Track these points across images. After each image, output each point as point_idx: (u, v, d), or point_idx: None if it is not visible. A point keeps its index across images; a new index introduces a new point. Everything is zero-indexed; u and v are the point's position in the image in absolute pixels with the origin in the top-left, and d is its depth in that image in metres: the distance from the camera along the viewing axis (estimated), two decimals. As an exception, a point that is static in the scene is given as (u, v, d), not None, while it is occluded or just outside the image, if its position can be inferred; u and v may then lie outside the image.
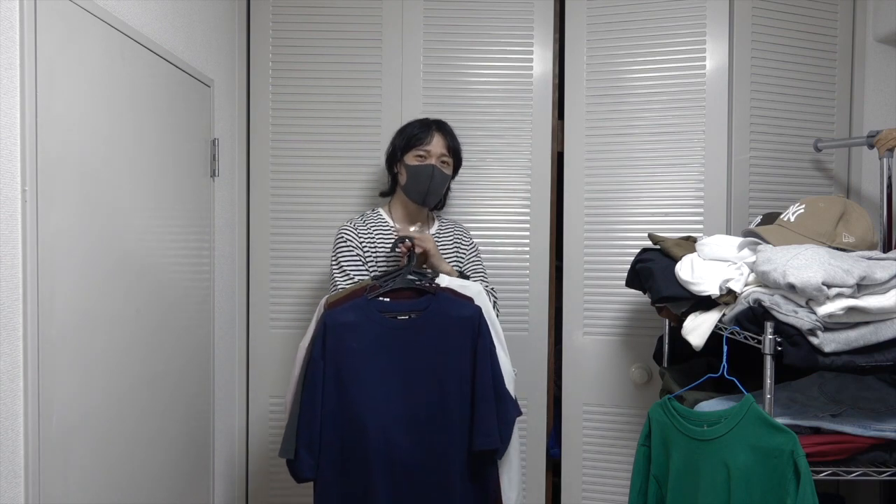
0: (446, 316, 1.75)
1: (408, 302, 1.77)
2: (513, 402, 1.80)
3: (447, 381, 1.74)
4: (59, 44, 1.29)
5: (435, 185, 1.97)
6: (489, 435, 1.71)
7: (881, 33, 2.25)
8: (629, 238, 2.24)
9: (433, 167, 1.96)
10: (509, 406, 1.77)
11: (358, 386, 1.71)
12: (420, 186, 1.96)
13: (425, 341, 1.74)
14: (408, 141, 1.98)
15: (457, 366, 1.74)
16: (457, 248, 2.07)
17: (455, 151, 2.03)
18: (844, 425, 1.47)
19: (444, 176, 1.99)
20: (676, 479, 1.56)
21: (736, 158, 2.21)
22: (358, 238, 1.95)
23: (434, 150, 1.97)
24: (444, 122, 2.04)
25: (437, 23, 2.31)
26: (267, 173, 2.33)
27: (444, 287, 1.80)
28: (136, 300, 1.60)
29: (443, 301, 1.76)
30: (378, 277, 1.82)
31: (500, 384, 1.76)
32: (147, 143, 1.65)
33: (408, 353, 1.74)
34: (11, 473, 1.19)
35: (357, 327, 1.72)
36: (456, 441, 1.73)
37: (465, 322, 1.75)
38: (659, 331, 2.08)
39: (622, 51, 2.27)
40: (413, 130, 1.99)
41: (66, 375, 1.32)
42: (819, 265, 1.34)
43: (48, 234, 1.25)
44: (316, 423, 1.69)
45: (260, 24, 2.32)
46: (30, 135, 1.20)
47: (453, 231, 2.10)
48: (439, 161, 1.97)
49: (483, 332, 1.76)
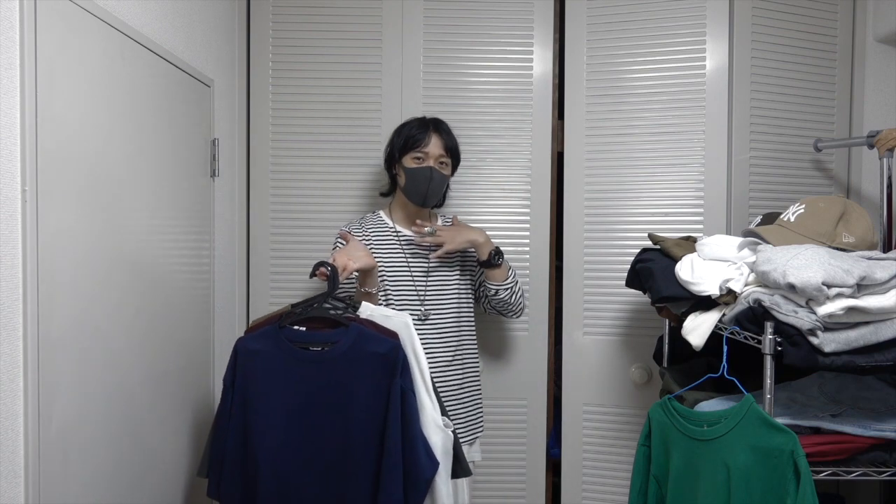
0: (360, 350, 1.58)
1: (322, 333, 1.62)
2: (430, 457, 1.56)
3: (354, 423, 1.57)
4: (59, 44, 1.29)
5: (434, 187, 1.97)
6: (391, 495, 1.52)
7: (881, 33, 2.25)
8: (629, 238, 2.24)
9: (431, 169, 1.95)
10: (422, 460, 1.53)
11: (259, 423, 1.58)
12: (419, 189, 1.96)
13: (334, 378, 1.58)
14: (405, 143, 1.97)
15: (366, 407, 1.57)
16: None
17: (453, 150, 2.02)
18: (844, 425, 1.47)
19: (442, 177, 1.99)
20: (676, 479, 1.56)
21: (736, 158, 2.21)
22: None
23: (432, 152, 1.96)
24: (441, 122, 2.03)
25: (437, 23, 2.31)
26: (267, 173, 2.33)
27: (365, 319, 1.65)
28: (136, 300, 1.60)
29: (357, 334, 1.60)
30: (297, 304, 1.68)
31: (413, 432, 1.54)
32: (147, 143, 1.65)
33: (314, 389, 1.58)
34: (11, 473, 1.19)
35: (265, 357, 1.60)
36: (362, 491, 1.56)
37: (380, 359, 1.57)
38: (659, 331, 2.08)
39: (622, 51, 2.27)
40: (410, 131, 1.98)
41: (66, 375, 1.32)
42: (819, 265, 1.34)
43: (48, 234, 1.25)
44: (221, 454, 1.62)
45: (260, 24, 2.32)
46: (30, 135, 1.20)
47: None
48: (437, 162, 1.97)
49: (398, 371, 1.56)
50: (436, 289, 1.98)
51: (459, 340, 1.99)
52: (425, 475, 1.55)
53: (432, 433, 1.59)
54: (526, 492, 2.33)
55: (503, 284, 1.99)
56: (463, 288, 2.04)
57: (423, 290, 1.96)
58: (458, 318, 2.00)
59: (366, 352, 1.59)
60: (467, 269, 2.07)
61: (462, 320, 2.02)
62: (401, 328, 1.64)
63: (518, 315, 2.11)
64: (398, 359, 1.58)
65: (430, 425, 1.59)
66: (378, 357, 1.58)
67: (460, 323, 2.01)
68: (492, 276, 1.99)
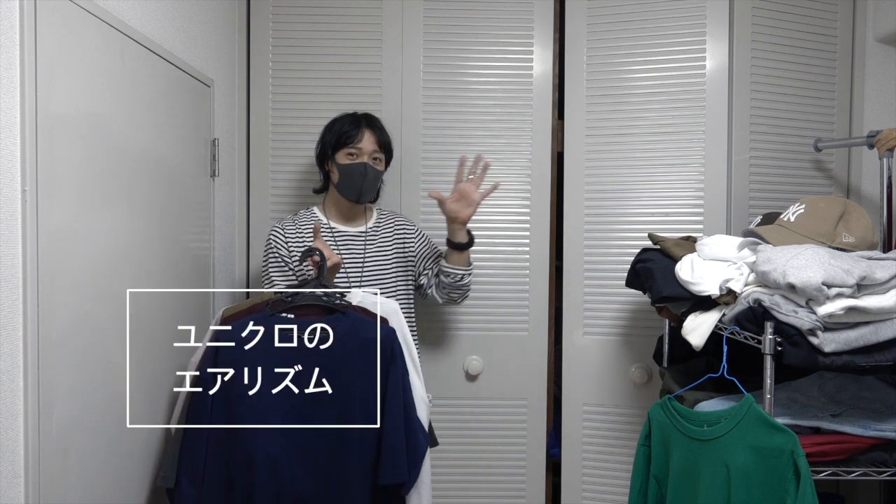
0: (355, 337, 1.60)
1: (313, 320, 1.60)
2: (424, 433, 1.67)
3: (350, 408, 1.59)
4: (58, 44, 1.29)
5: (368, 183, 1.96)
6: (397, 468, 1.58)
7: (881, 33, 2.25)
8: (629, 238, 2.24)
9: (365, 165, 1.94)
10: (420, 437, 1.63)
11: (248, 412, 1.56)
12: (354, 185, 1.95)
13: (329, 364, 1.58)
14: (338, 139, 1.96)
15: (362, 392, 1.59)
16: (401, 240, 2.05)
17: (386, 146, 2.01)
18: (844, 425, 1.47)
19: (376, 173, 1.98)
20: (676, 479, 1.56)
21: (736, 158, 2.21)
22: (285, 240, 1.95)
23: (365, 148, 1.95)
24: (373, 117, 2.02)
25: (437, 23, 2.31)
26: (267, 173, 2.33)
27: (356, 305, 1.66)
28: (136, 300, 1.60)
29: (352, 321, 1.61)
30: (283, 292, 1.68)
31: (411, 413, 1.63)
32: (147, 142, 1.65)
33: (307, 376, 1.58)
34: (11, 473, 1.19)
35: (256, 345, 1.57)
36: (356, 474, 1.59)
37: (376, 345, 1.59)
38: (659, 331, 2.08)
39: (622, 51, 2.27)
40: (343, 128, 1.97)
41: (66, 375, 1.32)
42: (819, 265, 1.34)
43: (48, 234, 1.25)
44: (201, 451, 1.55)
45: (260, 24, 2.32)
46: (30, 135, 1.20)
47: (394, 223, 2.09)
48: (371, 158, 1.96)
49: (396, 357, 1.61)
50: (372, 283, 1.96)
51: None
52: (422, 449, 1.64)
53: (421, 409, 1.68)
54: (526, 492, 2.33)
55: (469, 269, 2.01)
56: (401, 281, 2.03)
57: (357, 286, 1.94)
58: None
59: (361, 337, 1.60)
60: (405, 262, 2.05)
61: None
62: (390, 314, 1.69)
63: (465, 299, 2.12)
64: (395, 344, 1.62)
65: (419, 402, 1.68)
66: (375, 343, 1.60)
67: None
68: (460, 259, 1.99)
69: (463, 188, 1.95)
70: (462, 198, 1.95)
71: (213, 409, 1.56)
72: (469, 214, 1.95)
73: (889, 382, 1.67)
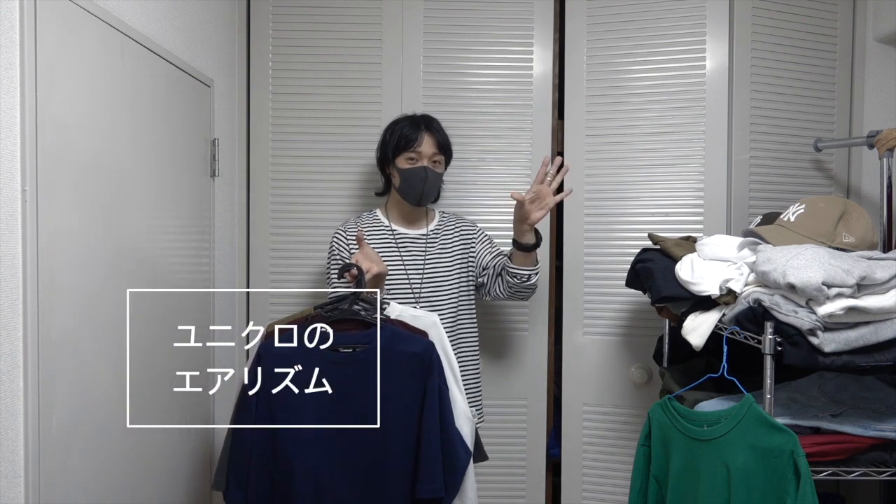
0: (393, 351, 1.60)
1: (352, 334, 1.62)
2: (464, 448, 1.64)
3: (389, 421, 1.59)
4: (58, 44, 1.29)
5: (429, 187, 1.96)
6: (433, 482, 1.57)
7: (881, 33, 2.25)
8: (629, 238, 2.24)
9: (426, 169, 1.95)
10: (459, 451, 1.62)
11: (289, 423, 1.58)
12: (414, 189, 1.95)
13: (368, 378, 1.59)
14: (398, 143, 1.96)
15: (401, 405, 1.59)
16: (463, 241, 2.05)
17: (445, 147, 2.01)
18: (844, 425, 1.47)
19: (436, 175, 1.98)
20: (676, 479, 1.56)
21: (736, 158, 2.21)
22: (346, 243, 1.96)
23: (425, 151, 1.95)
24: (432, 119, 2.02)
25: (437, 23, 2.31)
26: (267, 173, 2.33)
27: (395, 319, 1.66)
28: (136, 300, 1.60)
29: (391, 335, 1.61)
30: (321, 305, 1.67)
31: (449, 427, 1.61)
32: (147, 143, 1.65)
33: (347, 389, 1.59)
34: (11, 473, 1.19)
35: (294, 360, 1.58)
36: (395, 487, 1.60)
37: (413, 358, 1.60)
38: (659, 331, 2.08)
39: (622, 51, 2.27)
40: (402, 131, 1.97)
41: (66, 375, 1.32)
42: (819, 265, 1.34)
43: (48, 234, 1.25)
44: (245, 459, 1.58)
45: (260, 24, 2.32)
46: (30, 135, 1.20)
47: (455, 224, 2.09)
48: (431, 161, 1.96)
49: (434, 370, 1.61)
50: (432, 286, 1.98)
51: (456, 335, 1.98)
52: (462, 464, 1.62)
53: (463, 424, 1.66)
54: (526, 492, 2.33)
55: (535, 269, 1.97)
56: (462, 283, 2.03)
57: (418, 288, 1.96)
58: (456, 314, 1.99)
59: (400, 352, 1.60)
60: (467, 263, 2.05)
61: (460, 316, 2.01)
62: (429, 327, 1.68)
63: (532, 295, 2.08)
64: (433, 357, 1.62)
65: (462, 417, 1.66)
66: (413, 357, 1.60)
67: (457, 319, 2.00)
68: (527, 260, 1.94)
69: (540, 189, 1.91)
70: (538, 199, 1.91)
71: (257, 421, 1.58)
72: (540, 217, 1.89)
73: (889, 382, 1.67)
